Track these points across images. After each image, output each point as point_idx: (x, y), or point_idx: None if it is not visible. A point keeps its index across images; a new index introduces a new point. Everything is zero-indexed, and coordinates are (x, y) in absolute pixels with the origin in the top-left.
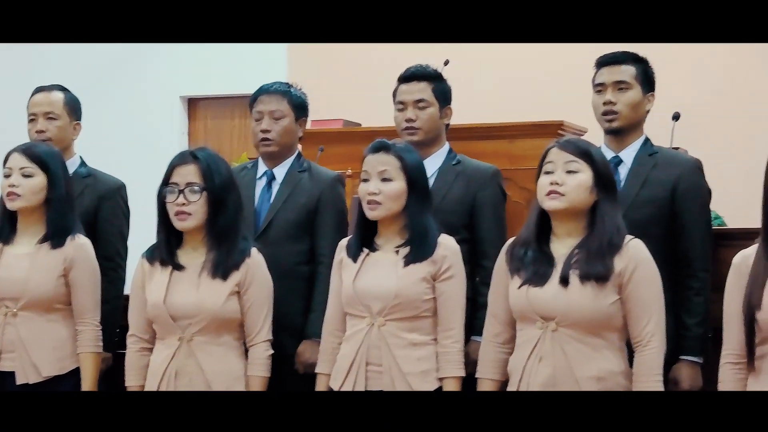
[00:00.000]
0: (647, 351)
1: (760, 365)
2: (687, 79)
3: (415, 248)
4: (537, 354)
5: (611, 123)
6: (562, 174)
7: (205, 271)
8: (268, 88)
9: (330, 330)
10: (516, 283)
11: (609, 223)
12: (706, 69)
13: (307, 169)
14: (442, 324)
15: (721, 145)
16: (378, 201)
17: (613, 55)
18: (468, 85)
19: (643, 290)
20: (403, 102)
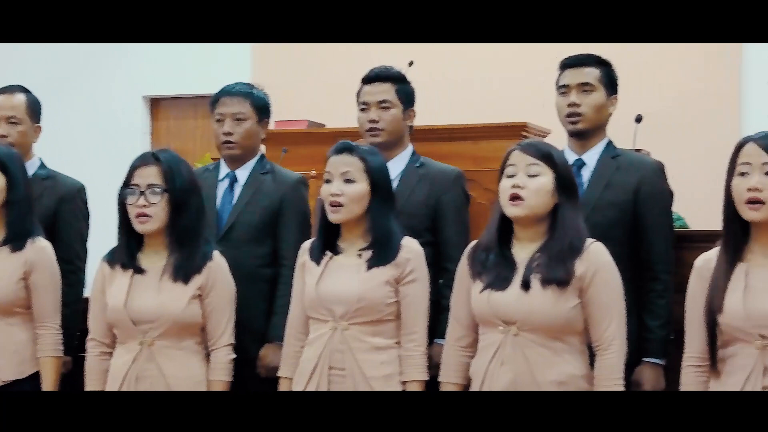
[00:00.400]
0: (608, 354)
1: (722, 368)
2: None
3: (378, 251)
4: (498, 358)
5: (575, 125)
6: (523, 177)
7: (167, 274)
8: (230, 89)
9: (293, 333)
10: (478, 287)
11: (570, 226)
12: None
13: (269, 171)
14: (405, 327)
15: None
16: (340, 203)
17: (577, 57)
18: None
19: (604, 294)
20: (366, 103)
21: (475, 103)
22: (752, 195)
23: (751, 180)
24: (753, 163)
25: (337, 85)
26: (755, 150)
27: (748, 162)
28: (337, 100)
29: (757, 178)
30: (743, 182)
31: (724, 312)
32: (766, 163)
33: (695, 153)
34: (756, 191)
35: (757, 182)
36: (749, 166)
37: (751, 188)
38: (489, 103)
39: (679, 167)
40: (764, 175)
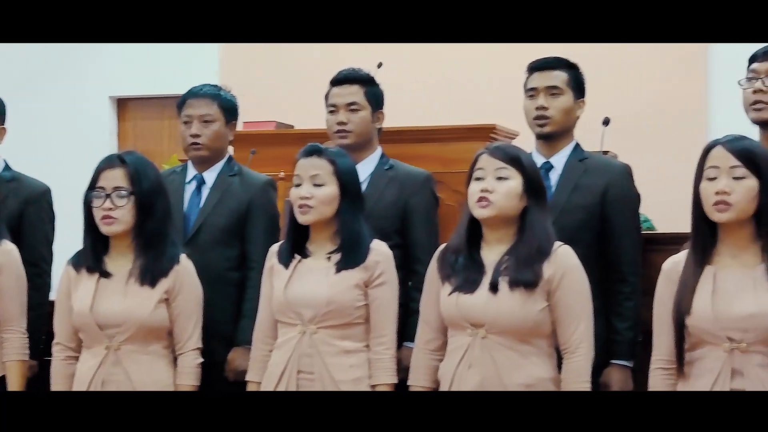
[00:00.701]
0: (575, 357)
1: (690, 371)
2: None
3: (347, 254)
4: (467, 361)
5: (543, 128)
6: (492, 181)
7: (133, 278)
8: (197, 91)
9: (261, 337)
10: (447, 290)
11: (538, 229)
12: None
13: (237, 173)
14: (375, 330)
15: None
16: (310, 205)
17: (545, 60)
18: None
19: (572, 297)
20: (335, 105)
21: (443, 105)
22: (720, 198)
23: (719, 184)
24: (721, 167)
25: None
26: (723, 154)
27: (716, 166)
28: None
29: (724, 182)
30: (711, 186)
31: (693, 314)
32: (733, 167)
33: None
34: (724, 194)
35: (725, 186)
36: (717, 170)
37: (719, 192)
38: (457, 105)
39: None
40: (732, 179)
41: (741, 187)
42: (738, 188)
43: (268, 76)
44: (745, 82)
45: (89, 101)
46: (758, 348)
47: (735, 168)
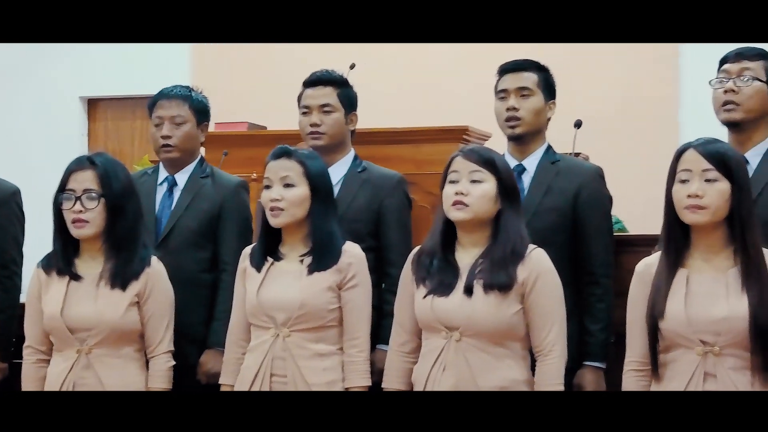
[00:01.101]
0: (549, 360)
1: (663, 373)
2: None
3: (319, 257)
4: (441, 363)
5: (514, 129)
6: (466, 184)
7: (104, 280)
8: (169, 92)
9: (233, 340)
10: (421, 293)
11: (512, 232)
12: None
13: (209, 174)
14: (348, 333)
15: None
16: (281, 207)
17: (516, 62)
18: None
19: (545, 300)
20: (308, 107)
21: (416, 107)
22: (693, 201)
23: (691, 187)
24: (693, 170)
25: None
26: (695, 157)
27: (689, 169)
28: (278, 102)
29: (697, 185)
30: (684, 189)
31: (666, 317)
32: (706, 170)
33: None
34: (696, 198)
35: (698, 189)
36: (689, 173)
37: (691, 195)
38: (431, 106)
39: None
40: (704, 182)
41: (713, 190)
42: (710, 191)
43: (240, 76)
44: (716, 82)
45: (59, 101)
46: (731, 351)
47: (707, 171)
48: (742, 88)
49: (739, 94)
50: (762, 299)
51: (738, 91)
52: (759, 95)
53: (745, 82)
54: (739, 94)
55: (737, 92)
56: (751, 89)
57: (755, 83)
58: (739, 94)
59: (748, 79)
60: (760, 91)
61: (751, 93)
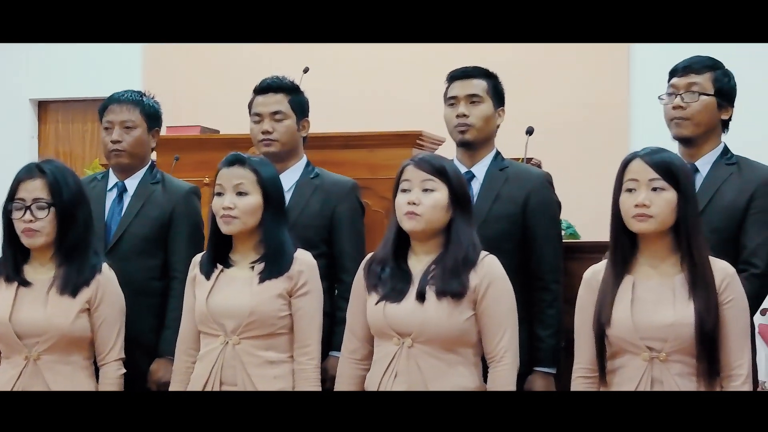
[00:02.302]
0: (500, 366)
1: (611, 379)
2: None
3: (270, 264)
4: (392, 370)
5: (464, 135)
6: (418, 192)
7: (54, 287)
8: (119, 96)
9: (183, 348)
10: (373, 300)
11: (464, 239)
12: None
13: (160, 180)
14: (299, 341)
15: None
16: (233, 215)
17: (465, 69)
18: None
19: (497, 306)
20: (259, 114)
21: (370, 111)
22: (640, 211)
23: (638, 196)
24: (640, 180)
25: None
26: (642, 167)
27: (635, 178)
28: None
29: (644, 194)
30: (631, 198)
31: (613, 324)
32: (652, 179)
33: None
34: (643, 207)
35: (645, 198)
36: (636, 183)
37: (638, 204)
38: (385, 111)
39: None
40: (651, 191)
41: (660, 200)
42: (657, 200)
43: (193, 79)
44: (665, 97)
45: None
46: (677, 357)
47: (654, 180)
48: (690, 103)
49: (687, 109)
50: (708, 306)
51: (686, 107)
52: (707, 109)
53: (693, 98)
54: (687, 109)
55: (685, 108)
56: (699, 104)
57: (702, 98)
58: (687, 110)
59: (696, 94)
60: (708, 105)
61: (699, 108)
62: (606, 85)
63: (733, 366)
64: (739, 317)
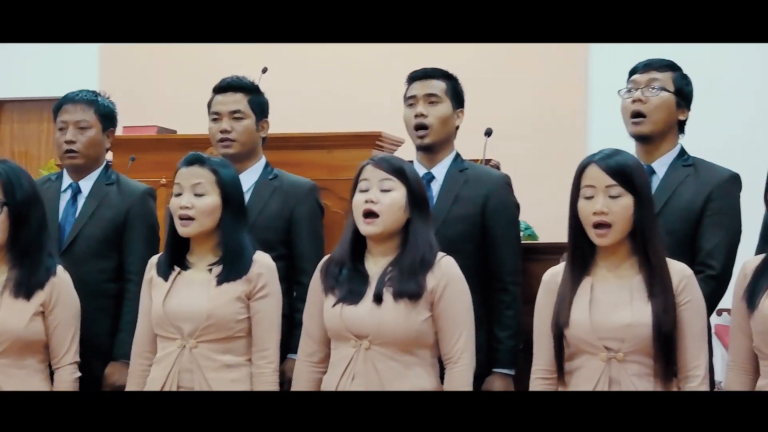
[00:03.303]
0: (457, 368)
1: (569, 380)
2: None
3: (228, 266)
4: (350, 372)
5: (423, 139)
6: (376, 192)
7: (7, 290)
8: (74, 96)
9: (139, 352)
10: (330, 302)
11: (422, 241)
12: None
13: (115, 181)
14: (257, 344)
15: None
16: (191, 216)
17: (424, 70)
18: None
19: (454, 307)
20: (218, 113)
21: (329, 112)
22: (598, 219)
23: (596, 204)
24: (597, 186)
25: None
26: (598, 173)
27: (592, 185)
28: (188, 106)
29: (602, 202)
30: (589, 205)
31: (571, 325)
32: (609, 186)
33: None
34: (602, 215)
35: (603, 206)
36: (593, 189)
37: (596, 212)
38: (344, 111)
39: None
40: (608, 197)
41: (618, 206)
42: (615, 207)
43: (150, 78)
44: (624, 92)
45: None
46: (634, 358)
47: (610, 188)
48: (650, 98)
49: (647, 104)
50: (665, 307)
51: (646, 101)
52: (666, 105)
53: (653, 93)
54: (646, 104)
55: (645, 102)
56: (659, 99)
57: (663, 93)
58: (646, 104)
59: (656, 89)
60: (668, 101)
61: (658, 103)
62: (564, 87)
63: (690, 367)
64: (696, 318)
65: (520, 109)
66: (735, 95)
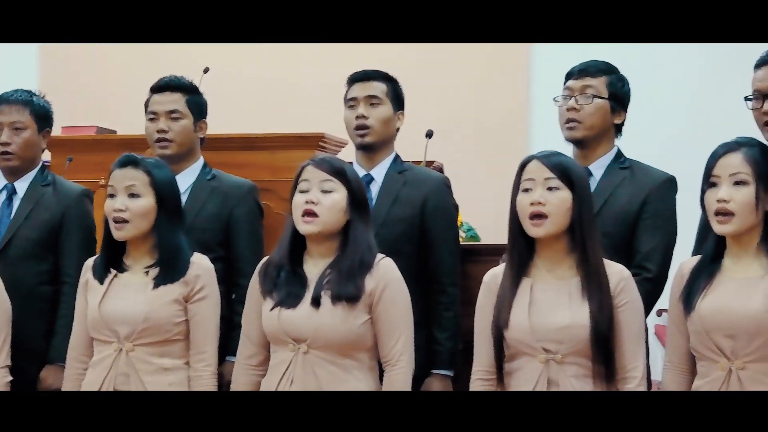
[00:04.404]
0: (396, 370)
1: (509, 381)
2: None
3: (165, 269)
4: (288, 376)
5: (363, 138)
6: (316, 192)
7: None
8: (8, 97)
9: (74, 355)
10: (269, 305)
11: (361, 242)
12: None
13: (51, 182)
14: (195, 347)
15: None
16: (125, 219)
17: (365, 72)
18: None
19: (393, 309)
20: (155, 113)
21: (272, 113)
22: (535, 209)
23: (534, 195)
24: (536, 179)
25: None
26: (538, 167)
27: (532, 178)
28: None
29: (539, 192)
30: (527, 197)
31: (510, 326)
32: (548, 179)
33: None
34: (539, 205)
35: (540, 196)
36: (533, 182)
37: (534, 202)
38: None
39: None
40: (546, 190)
41: (555, 198)
42: (552, 199)
43: (89, 78)
44: (560, 99)
45: None
46: (573, 359)
47: (549, 180)
48: (584, 105)
49: (581, 111)
50: (602, 308)
51: (580, 108)
52: (600, 112)
53: (587, 100)
54: (580, 111)
55: (579, 110)
56: (592, 107)
57: (596, 101)
58: (580, 112)
59: (590, 96)
60: (602, 108)
61: (592, 111)
62: (506, 88)
63: (628, 368)
64: (634, 320)
65: (462, 110)
66: (672, 96)
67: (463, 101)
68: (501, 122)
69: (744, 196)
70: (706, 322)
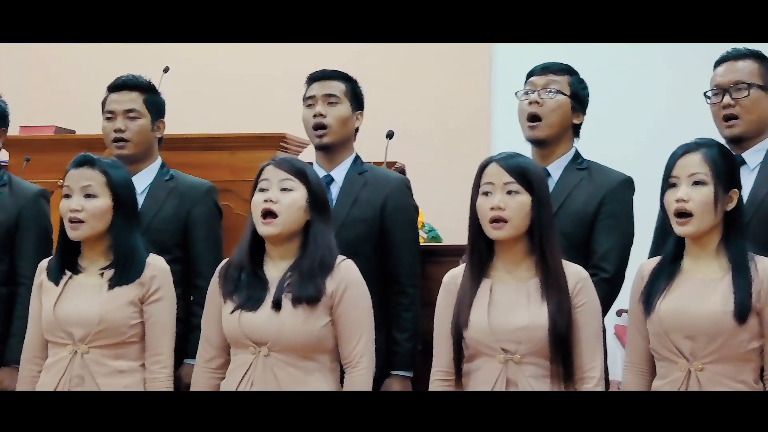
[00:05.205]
0: (357, 371)
1: (467, 381)
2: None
3: (120, 270)
4: (248, 379)
5: (321, 139)
6: (276, 191)
7: None
8: None
9: (29, 357)
10: (229, 308)
11: (321, 243)
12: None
13: (6, 183)
14: (150, 348)
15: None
16: (80, 219)
17: (324, 71)
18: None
19: (353, 311)
20: (112, 112)
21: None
22: (495, 214)
23: (494, 199)
24: (495, 183)
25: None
26: (497, 170)
27: (491, 182)
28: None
29: (499, 197)
30: (487, 201)
31: (470, 327)
32: (507, 183)
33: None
34: (499, 210)
35: (500, 201)
36: (492, 186)
37: (494, 207)
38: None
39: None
40: (506, 194)
41: (514, 203)
42: (512, 203)
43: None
44: (521, 94)
45: None
46: (531, 360)
47: (509, 184)
48: (546, 100)
49: (543, 106)
50: (560, 309)
51: (542, 103)
52: (562, 108)
53: (549, 95)
54: (543, 106)
55: (541, 104)
56: (555, 102)
57: (559, 96)
58: (543, 107)
59: (553, 92)
60: (564, 104)
61: (554, 106)
62: (467, 88)
63: (586, 369)
64: (592, 320)
65: (423, 110)
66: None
67: (425, 102)
68: (462, 123)
69: (702, 196)
70: (665, 323)
